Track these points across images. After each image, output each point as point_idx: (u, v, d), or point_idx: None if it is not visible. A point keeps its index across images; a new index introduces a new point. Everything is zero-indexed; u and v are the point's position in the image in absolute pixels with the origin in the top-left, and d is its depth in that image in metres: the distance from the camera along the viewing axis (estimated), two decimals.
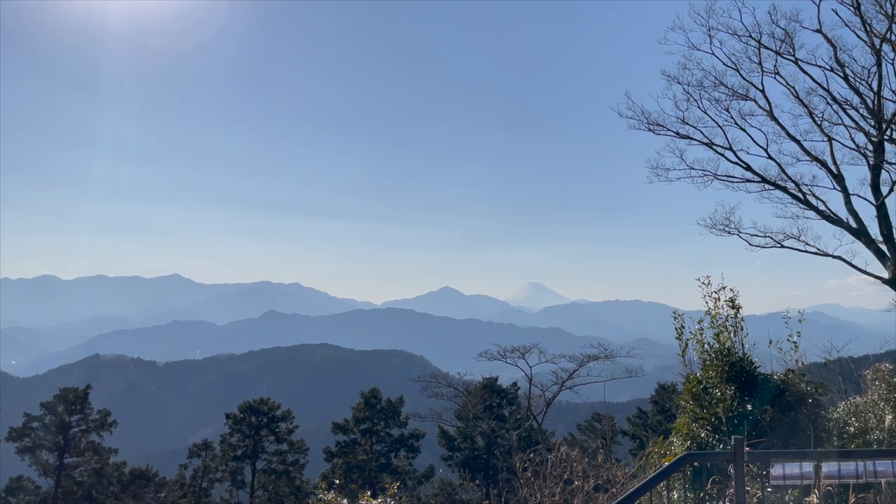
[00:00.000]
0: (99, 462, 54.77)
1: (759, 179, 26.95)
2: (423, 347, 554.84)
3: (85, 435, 54.90)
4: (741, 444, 8.28)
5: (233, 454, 55.45)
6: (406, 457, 53.97)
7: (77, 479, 54.40)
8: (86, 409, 55.30)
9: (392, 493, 16.07)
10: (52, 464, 53.61)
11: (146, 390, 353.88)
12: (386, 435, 54.21)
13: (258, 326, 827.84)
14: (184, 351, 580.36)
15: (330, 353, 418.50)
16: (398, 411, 54.96)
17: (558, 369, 43.35)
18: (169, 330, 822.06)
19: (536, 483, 13.69)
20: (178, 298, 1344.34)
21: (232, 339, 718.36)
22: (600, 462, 14.58)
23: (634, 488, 8.46)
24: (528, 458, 15.05)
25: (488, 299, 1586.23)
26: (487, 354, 43.76)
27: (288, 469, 55.51)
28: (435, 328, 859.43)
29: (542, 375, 45.98)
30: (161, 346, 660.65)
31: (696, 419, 12.80)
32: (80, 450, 54.53)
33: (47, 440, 53.80)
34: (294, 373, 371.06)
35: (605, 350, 43.40)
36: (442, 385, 46.63)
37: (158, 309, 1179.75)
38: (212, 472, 55.78)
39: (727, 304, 13.67)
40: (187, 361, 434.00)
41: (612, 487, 13.73)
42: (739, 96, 26.80)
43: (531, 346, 44.15)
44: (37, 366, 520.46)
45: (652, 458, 13.62)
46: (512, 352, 43.37)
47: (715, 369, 13.10)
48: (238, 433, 55.91)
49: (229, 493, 55.65)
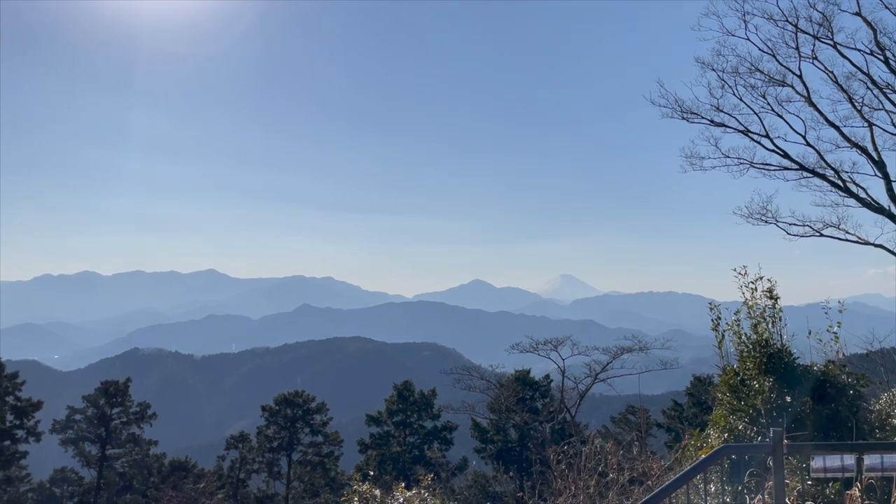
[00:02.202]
0: (139, 453, 56.06)
1: (797, 167, 26.38)
2: (454, 340, 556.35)
3: (126, 427, 56.23)
4: (780, 436, 8.16)
5: (269, 446, 56.28)
6: (439, 449, 54.22)
7: (119, 470, 55.79)
8: (126, 401, 56.60)
9: (426, 484, 16.14)
10: (94, 455, 55.03)
11: (184, 383, 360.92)
12: (419, 427, 54.52)
13: (292, 320, 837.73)
14: (220, 345, 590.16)
15: (363, 346, 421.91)
16: (431, 403, 55.21)
17: (591, 361, 43.10)
18: (205, 324, 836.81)
19: (571, 475, 13.65)
20: (214, 293, 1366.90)
21: (266, 332, 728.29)
22: (635, 454, 14.48)
23: (671, 481, 8.39)
24: (561, 451, 15.01)
25: (519, 291, 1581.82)
26: (519, 347, 43.64)
27: (323, 461, 56.18)
28: (466, 321, 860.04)
29: (574, 368, 45.76)
30: (198, 340, 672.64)
31: (733, 411, 12.62)
32: (121, 441, 55.88)
33: (90, 432, 55.21)
34: (327, 366, 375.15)
35: (638, 342, 42.99)
36: (474, 377, 46.68)
37: (194, 303, 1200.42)
38: (249, 464, 56.71)
39: (765, 294, 13.42)
40: (223, 355, 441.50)
41: (648, 480, 13.63)
42: (776, 82, 26.23)
43: (563, 338, 43.93)
44: (78, 360, 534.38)
45: (688, 451, 13.48)
46: (544, 344, 43.21)
47: (753, 361, 12.88)
48: (274, 425, 56.72)
49: (266, 484, 56.52)
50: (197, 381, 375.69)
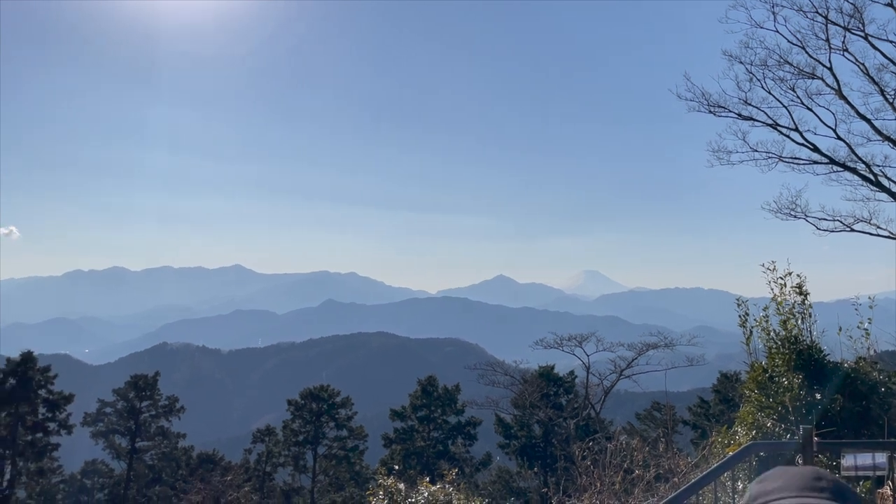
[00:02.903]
0: (168, 446, 57.03)
1: (827, 161, 25.93)
2: (477, 336, 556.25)
3: (154, 420, 57.21)
4: (810, 433, 8.07)
5: (295, 440, 56.89)
6: (463, 444, 54.36)
7: (148, 462, 56.80)
8: (155, 395, 57.57)
9: (450, 479, 16.21)
10: (124, 447, 56.07)
11: (211, 377, 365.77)
12: (443, 422, 54.70)
13: (317, 315, 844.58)
14: (246, 339, 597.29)
15: (386, 342, 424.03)
16: (455, 399, 55.35)
17: (616, 358, 42.84)
18: (232, 319, 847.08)
19: (596, 471, 13.61)
20: (240, 288, 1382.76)
21: (292, 327, 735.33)
22: (661, 451, 14.39)
23: (698, 478, 8.34)
24: (586, 447, 14.97)
25: (543, 287, 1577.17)
26: (544, 343, 43.54)
27: (348, 455, 56.65)
28: (489, 316, 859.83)
29: (599, 364, 45.53)
30: (224, 335, 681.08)
31: (761, 408, 12.48)
32: (150, 434, 56.88)
33: (120, 425, 56.27)
34: (352, 361, 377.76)
35: (664, 338, 42.62)
36: (498, 373, 46.65)
37: (221, 298, 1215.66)
38: (275, 457, 57.37)
39: (794, 290, 13.24)
40: (250, 349, 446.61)
41: (674, 477, 13.54)
42: (806, 75, 25.79)
43: (588, 334, 43.72)
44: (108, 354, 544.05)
45: (715, 448, 13.37)
46: (569, 340, 43.03)
47: (781, 357, 12.73)
48: (299, 419, 57.30)
49: (292, 477, 57.16)
50: (224, 375, 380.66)
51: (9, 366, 53.15)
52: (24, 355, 54.06)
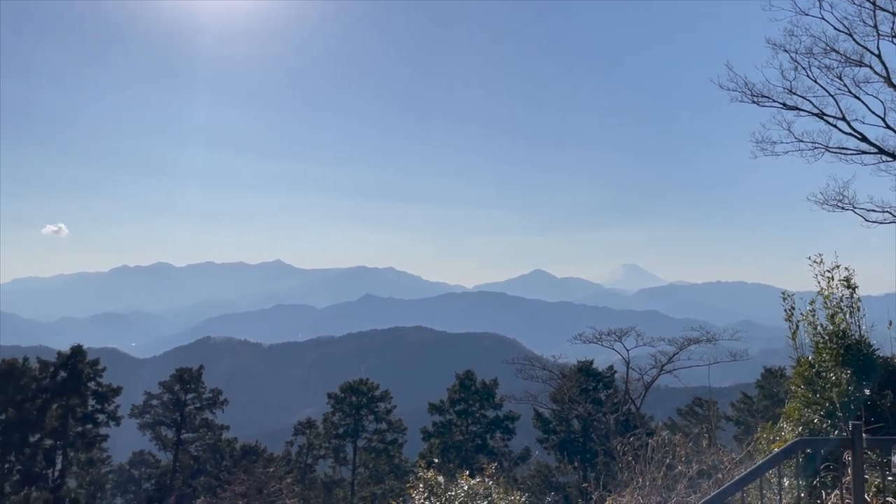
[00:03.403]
0: (212, 438, 58.24)
1: (875, 150, 25.12)
2: (515, 330, 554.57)
3: (199, 412, 58.49)
4: (859, 429, 7.88)
5: (335, 432, 57.58)
6: (501, 438, 54.36)
7: (193, 453, 58.11)
8: (199, 388, 58.84)
9: (490, 473, 16.23)
10: (170, 439, 57.46)
11: (253, 371, 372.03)
12: (481, 416, 54.74)
13: (355, 310, 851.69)
14: (287, 333, 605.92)
15: (424, 336, 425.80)
16: (493, 393, 55.34)
17: (657, 353, 42.19)
18: (273, 313, 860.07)
19: (637, 467, 13.49)
20: (281, 283, 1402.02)
21: (331, 322, 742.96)
22: (704, 447, 14.19)
23: (743, 474, 8.20)
24: (627, 442, 14.84)
25: (581, 281, 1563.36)
26: (582, 337, 43.12)
27: (387, 448, 57.11)
28: (527, 311, 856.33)
29: (639, 359, 44.93)
30: (266, 329, 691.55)
31: (808, 404, 12.20)
32: (195, 426, 58.17)
33: (166, 417, 57.67)
34: (390, 354, 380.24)
35: (706, 333, 41.86)
36: (536, 368, 46.39)
37: (263, 293, 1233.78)
38: (316, 450, 58.16)
39: (841, 283, 12.88)
40: (290, 343, 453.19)
41: (718, 473, 13.34)
42: (853, 63, 24.98)
43: (628, 328, 43.16)
44: (154, 347, 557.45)
45: (760, 445, 13.11)
46: (608, 335, 42.54)
47: (829, 352, 12.41)
48: (339, 412, 57.97)
49: (332, 469, 57.86)
50: (265, 368, 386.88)
51: (59, 359, 54.92)
52: (74, 349, 55.77)
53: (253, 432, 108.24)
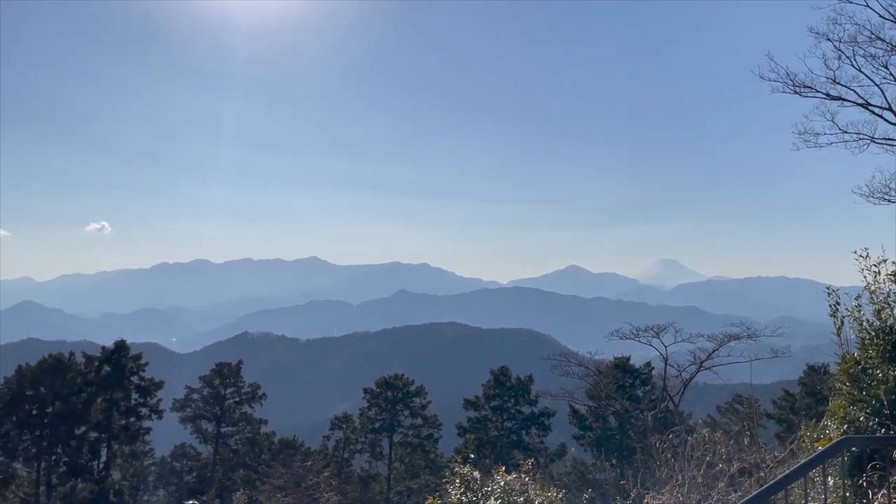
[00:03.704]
0: (251, 432, 59.23)
1: None
2: (550, 326, 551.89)
3: (238, 406, 59.51)
4: None
5: (371, 427, 58.05)
6: (537, 434, 54.19)
7: (232, 446, 59.17)
8: (238, 382, 59.86)
9: (526, 469, 16.18)
10: (210, 432, 58.58)
11: (290, 365, 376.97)
12: (516, 412, 54.64)
13: (390, 305, 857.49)
14: (323, 329, 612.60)
15: (458, 332, 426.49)
16: (528, 389, 55.18)
17: (696, 349, 41.48)
18: (309, 309, 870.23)
19: (677, 465, 13.31)
20: (316, 279, 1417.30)
21: (366, 317, 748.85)
22: (745, 445, 13.93)
23: (786, 473, 8.04)
24: (666, 440, 14.65)
25: (617, 277, 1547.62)
26: (619, 333, 42.59)
27: (423, 442, 57.38)
28: (562, 307, 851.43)
29: (677, 355, 44.27)
30: (302, 325, 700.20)
31: (853, 402, 11.90)
32: (234, 420, 59.21)
33: (206, 411, 58.80)
34: (425, 350, 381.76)
35: (747, 329, 41.05)
36: (572, 364, 45.97)
37: (298, 289, 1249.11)
38: (352, 444, 58.74)
39: (889, 278, 12.53)
40: (326, 339, 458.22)
41: (759, 472, 13.10)
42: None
43: (666, 324, 42.54)
44: (194, 342, 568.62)
45: (803, 443, 12.84)
46: (645, 331, 41.97)
47: (875, 349, 12.08)
48: (375, 407, 58.41)
49: (369, 463, 58.36)
50: (302, 363, 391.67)
51: (104, 354, 56.39)
52: (118, 344, 57.20)
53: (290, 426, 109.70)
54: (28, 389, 53.23)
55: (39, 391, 53.39)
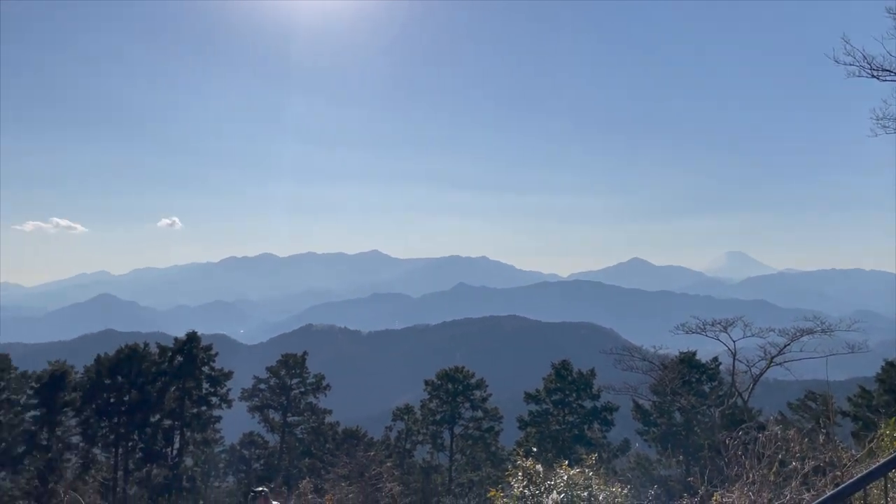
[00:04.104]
0: (316, 421, 60.51)
1: None
2: (612, 320, 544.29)
3: (303, 396, 60.89)
4: None
5: (432, 419, 58.47)
6: (599, 429, 53.53)
7: (298, 436, 60.59)
8: (303, 373, 61.22)
9: (590, 463, 16.03)
10: (277, 422, 60.14)
11: (352, 357, 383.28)
12: (578, 406, 54.10)
13: (449, 298, 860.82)
14: (384, 321, 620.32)
15: (518, 325, 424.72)
16: (590, 383, 54.55)
17: (766, 344, 40.10)
18: (370, 302, 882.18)
19: (747, 462, 12.95)
20: (378, 273, 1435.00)
21: (426, 310, 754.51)
22: (820, 444, 13.45)
23: (864, 473, 7.72)
24: (735, 437, 14.28)
25: (682, 270, 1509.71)
26: (685, 327, 41.54)
27: (484, 435, 57.48)
28: (624, 300, 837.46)
29: (745, 350, 42.91)
30: (364, 317, 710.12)
31: None
32: (299, 409, 60.61)
33: (273, 400, 60.37)
34: (484, 343, 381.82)
35: (820, 323, 39.42)
36: (636, 358, 45.11)
37: (360, 282, 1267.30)
38: (414, 435, 59.31)
39: None
40: (388, 331, 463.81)
41: (835, 471, 12.62)
42: None
43: (734, 318, 41.29)
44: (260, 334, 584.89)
45: (883, 442, 12.31)
46: (712, 325, 40.82)
47: None
48: (436, 399, 58.79)
49: (430, 455, 58.80)
50: (364, 355, 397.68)
51: (176, 344, 58.56)
52: (189, 335, 59.30)
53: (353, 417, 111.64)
54: (106, 378, 55.73)
55: (117, 380, 55.85)
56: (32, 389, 54.53)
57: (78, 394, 54.97)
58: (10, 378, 53.57)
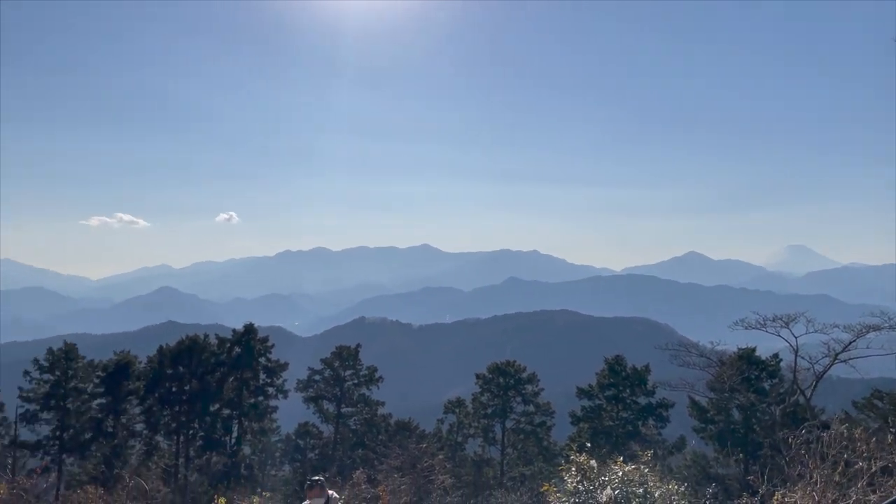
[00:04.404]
0: (369, 413, 61.29)
1: None
2: (667, 315, 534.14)
3: (357, 388, 61.74)
4: None
5: (483, 412, 58.50)
6: (654, 426, 52.63)
7: (352, 427, 61.49)
8: (356, 365, 62.06)
9: (645, 460, 15.83)
10: (331, 412, 61.15)
11: (404, 350, 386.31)
12: (632, 402, 53.31)
13: (500, 293, 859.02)
14: (435, 315, 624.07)
15: (571, 319, 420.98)
16: (644, 379, 53.68)
17: (830, 340, 38.68)
18: (421, 296, 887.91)
19: (810, 462, 12.56)
20: (428, 266, 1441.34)
21: (477, 304, 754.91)
22: (889, 443, 12.94)
23: None
24: (798, 435, 13.87)
25: (740, 264, 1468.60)
26: (744, 323, 40.41)
27: (535, 430, 57.23)
28: (680, 295, 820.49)
29: (808, 347, 41.51)
30: (415, 311, 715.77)
31: None
32: (353, 401, 61.49)
33: (327, 391, 61.40)
34: (535, 337, 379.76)
35: (888, 319, 37.81)
36: (692, 354, 44.07)
37: (411, 276, 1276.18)
38: (465, 428, 59.48)
39: None
40: (438, 325, 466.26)
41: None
42: None
43: (796, 314, 39.98)
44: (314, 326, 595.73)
45: None
46: (773, 320, 39.59)
47: None
48: (488, 393, 58.79)
49: (482, 448, 58.88)
50: (415, 348, 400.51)
51: (234, 336, 60.12)
52: (247, 327, 60.80)
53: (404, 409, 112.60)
54: (168, 368, 57.65)
55: (178, 370, 57.70)
56: (99, 378, 56.89)
57: (141, 383, 57.06)
58: (77, 367, 56.01)
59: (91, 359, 57.99)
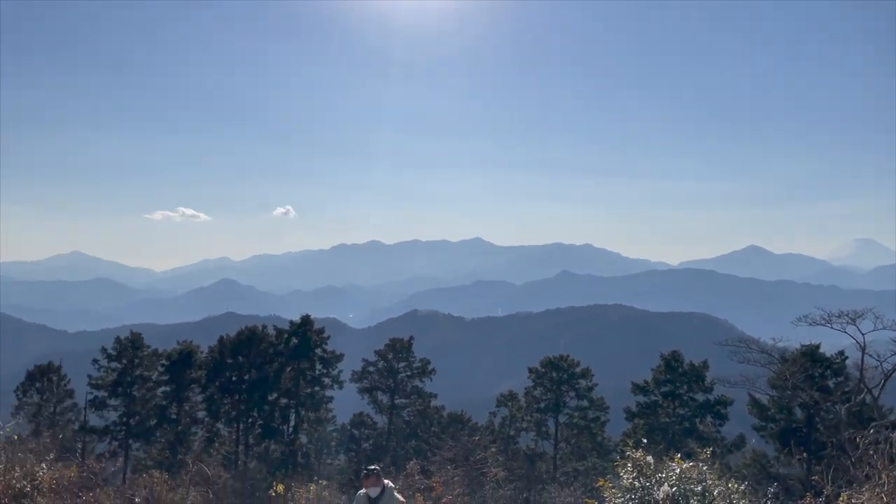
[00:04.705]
0: (422, 405, 61.87)
1: None
2: (725, 311, 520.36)
3: (410, 380, 62.40)
4: None
5: (536, 406, 58.31)
6: (712, 423, 51.52)
7: (405, 418, 62.22)
8: (410, 357, 62.69)
9: (704, 458, 15.55)
10: (385, 404, 61.96)
11: (456, 343, 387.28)
12: (689, 399, 52.27)
13: (553, 286, 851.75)
14: (487, 308, 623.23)
15: (625, 314, 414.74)
16: (702, 376, 52.54)
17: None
18: (473, 289, 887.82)
19: (879, 462, 12.15)
20: (480, 260, 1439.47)
21: (529, 297, 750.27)
22: None
23: None
24: (866, 435, 13.41)
25: (803, 258, 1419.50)
26: (808, 319, 39.13)
27: (589, 425, 56.74)
28: (739, 290, 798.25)
29: (876, 344, 39.92)
30: (467, 304, 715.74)
31: None
32: (406, 392, 62.17)
33: (381, 383, 62.24)
34: (589, 332, 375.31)
35: None
36: (753, 351, 42.88)
37: (464, 269, 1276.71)
38: (518, 422, 59.41)
39: None
40: (490, 318, 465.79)
41: None
42: None
43: (864, 310, 38.47)
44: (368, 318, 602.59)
45: None
46: (839, 317, 38.20)
47: None
48: (540, 387, 58.55)
49: (534, 442, 58.72)
50: (467, 341, 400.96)
51: (292, 327, 61.46)
52: (304, 318, 62.06)
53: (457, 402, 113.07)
54: (228, 358, 59.33)
55: (238, 360, 59.35)
56: (163, 367, 59.03)
57: (203, 372, 58.91)
58: (143, 356, 58.23)
59: (155, 348, 60.17)
